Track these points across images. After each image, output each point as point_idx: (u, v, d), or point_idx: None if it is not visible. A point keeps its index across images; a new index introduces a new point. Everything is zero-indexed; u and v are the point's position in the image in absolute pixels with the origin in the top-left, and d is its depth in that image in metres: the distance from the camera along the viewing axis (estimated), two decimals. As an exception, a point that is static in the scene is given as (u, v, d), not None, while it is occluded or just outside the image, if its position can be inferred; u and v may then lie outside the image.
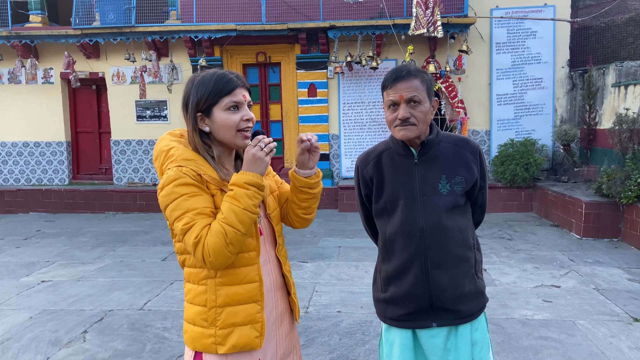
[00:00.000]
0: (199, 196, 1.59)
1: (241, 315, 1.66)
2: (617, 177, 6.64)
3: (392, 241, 1.93)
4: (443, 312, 1.87)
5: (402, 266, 1.91)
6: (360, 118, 9.76)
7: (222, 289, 1.65)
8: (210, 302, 1.65)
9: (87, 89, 10.67)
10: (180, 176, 1.58)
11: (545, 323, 4.10)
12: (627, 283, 5.03)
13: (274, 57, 9.91)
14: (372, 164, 1.99)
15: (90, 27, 9.50)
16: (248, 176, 1.58)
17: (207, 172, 1.62)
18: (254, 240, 1.70)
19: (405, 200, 1.90)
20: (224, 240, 1.53)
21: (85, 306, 4.71)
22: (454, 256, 1.88)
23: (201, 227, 1.55)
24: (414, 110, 1.83)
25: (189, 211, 1.56)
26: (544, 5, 9.30)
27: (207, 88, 1.64)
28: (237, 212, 1.54)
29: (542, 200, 8.32)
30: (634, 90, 7.55)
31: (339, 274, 5.52)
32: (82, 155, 10.96)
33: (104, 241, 7.34)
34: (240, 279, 1.66)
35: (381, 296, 2.00)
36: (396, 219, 1.91)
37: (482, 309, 1.95)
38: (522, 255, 6.13)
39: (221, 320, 1.64)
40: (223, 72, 1.69)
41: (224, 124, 1.65)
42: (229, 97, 1.65)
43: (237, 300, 1.66)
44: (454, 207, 1.89)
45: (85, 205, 9.72)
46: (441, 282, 1.86)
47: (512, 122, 9.52)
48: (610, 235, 6.79)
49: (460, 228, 1.90)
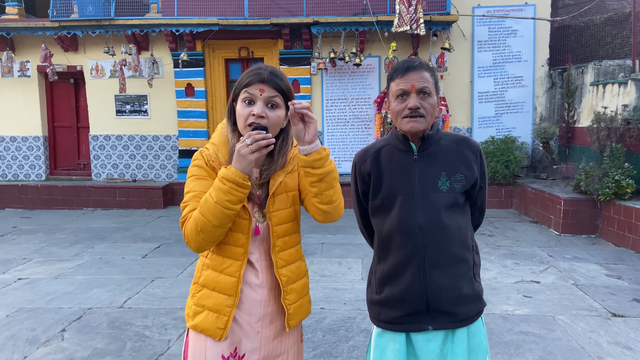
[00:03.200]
0: (204, 180, 1.68)
1: (212, 301, 1.71)
2: (595, 174, 6.76)
3: (389, 239, 1.87)
4: (439, 315, 1.80)
5: (398, 265, 1.84)
6: (343, 114, 9.75)
7: (206, 270, 1.73)
8: (196, 277, 1.77)
9: (64, 82, 10.45)
10: (198, 157, 1.72)
11: (526, 318, 4.15)
12: (604, 278, 5.12)
13: (256, 52, 9.84)
14: (370, 160, 1.93)
15: (68, 19, 9.29)
16: (228, 171, 1.57)
17: (221, 158, 1.70)
18: (243, 236, 1.69)
19: (403, 196, 1.84)
20: (196, 227, 1.59)
21: (64, 304, 4.61)
22: (452, 256, 1.82)
23: (190, 209, 1.64)
24: (424, 101, 1.80)
25: (191, 192, 1.67)
26: (524, 4, 9.41)
27: (240, 79, 1.71)
28: (209, 203, 1.57)
29: (522, 197, 8.43)
30: (612, 89, 7.69)
31: (322, 270, 5.51)
32: (60, 150, 10.73)
33: (82, 238, 7.20)
34: (222, 269, 1.71)
35: (375, 298, 1.92)
36: (393, 216, 1.84)
37: (479, 313, 1.88)
38: (502, 251, 6.20)
39: (197, 297, 1.73)
40: (255, 66, 1.72)
41: (239, 116, 1.69)
42: (246, 89, 1.67)
43: (213, 286, 1.72)
44: (453, 204, 1.84)
45: (63, 201, 9.53)
46: (439, 283, 1.79)
47: (493, 120, 9.62)
48: (588, 232, 6.91)
49: (459, 227, 1.85)
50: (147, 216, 8.70)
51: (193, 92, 9.80)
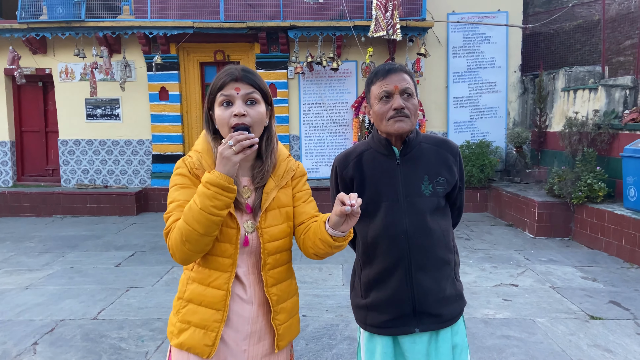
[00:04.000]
0: (187, 189, 1.60)
1: (199, 317, 1.62)
2: (567, 178, 6.90)
3: (374, 245, 1.86)
4: (426, 317, 1.83)
5: (384, 271, 1.85)
6: (321, 119, 9.73)
7: (192, 284, 1.65)
8: (180, 292, 1.68)
9: (33, 85, 10.12)
10: (181, 166, 1.64)
11: (507, 322, 4.18)
12: (580, 281, 5.21)
13: (232, 56, 9.72)
14: (352, 164, 1.92)
15: (37, 21, 9.00)
16: (211, 176, 1.49)
17: (205, 166, 1.62)
18: (231, 247, 1.61)
19: (388, 202, 1.84)
20: (180, 237, 1.51)
21: (35, 316, 4.43)
22: (437, 259, 1.85)
23: (174, 219, 1.56)
24: (407, 102, 1.81)
25: (174, 201, 1.60)
26: (497, 12, 9.58)
27: (212, 85, 1.65)
28: (194, 211, 1.49)
29: (497, 201, 8.55)
30: (582, 95, 7.88)
31: (302, 277, 5.45)
32: (28, 155, 10.37)
33: (52, 246, 6.96)
34: (209, 282, 1.62)
35: (361, 302, 1.93)
36: (378, 222, 1.85)
37: (461, 312, 1.93)
38: (480, 254, 6.26)
39: (182, 313, 1.64)
40: (225, 68, 1.66)
41: (219, 121, 1.62)
42: (221, 92, 1.61)
43: (200, 300, 1.63)
44: (436, 209, 1.86)
45: (31, 209, 9.20)
46: (425, 286, 1.82)
47: (468, 125, 9.74)
48: (561, 234, 7.05)
49: (442, 230, 1.87)
50: (119, 223, 8.48)
51: (167, 96, 9.62)
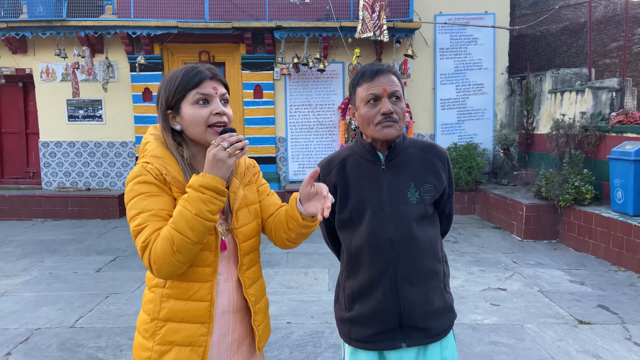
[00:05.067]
0: (158, 197, 1.47)
1: (182, 335, 1.50)
2: (555, 180, 6.87)
3: (358, 255, 1.78)
4: (413, 331, 1.74)
5: (369, 282, 1.76)
6: (307, 120, 9.62)
7: (168, 301, 1.52)
8: (153, 313, 1.52)
9: (12, 86, 9.88)
10: (143, 173, 1.48)
11: (495, 328, 4.11)
12: (568, 285, 5.17)
13: (217, 56, 9.58)
14: (335, 171, 1.83)
15: (16, 20, 8.77)
16: (205, 179, 1.40)
17: (173, 172, 1.50)
18: (211, 254, 1.52)
19: (372, 209, 1.75)
20: (170, 247, 1.38)
21: (9, 324, 4.26)
22: (424, 270, 1.76)
23: (152, 230, 1.42)
24: (395, 106, 1.72)
25: (144, 212, 1.45)
26: (484, 13, 9.56)
27: (175, 83, 1.54)
28: (187, 217, 1.38)
29: (484, 203, 8.52)
30: (569, 97, 7.87)
31: (287, 281, 5.34)
32: (7, 157, 10.12)
33: (31, 251, 6.76)
34: (189, 295, 1.50)
35: (345, 315, 1.84)
36: (363, 230, 1.76)
37: (451, 325, 1.84)
38: (468, 258, 6.20)
39: (160, 334, 1.51)
40: (192, 65, 1.55)
41: (192, 120, 1.51)
42: (196, 90, 1.51)
43: (181, 317, 1.50)
44: (423, 216, 1.78)
45: (10, 212, 8.96)
46: (411, 298, 1.73)
47: (455, 127, 9.70)
48: (549, 237, 7.02)
49: (430, 239, 1.79)
50: (101, 227, 8.29)
51: (151, 97, 9.45)
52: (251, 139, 9.45)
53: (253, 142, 9.43)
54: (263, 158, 9.43)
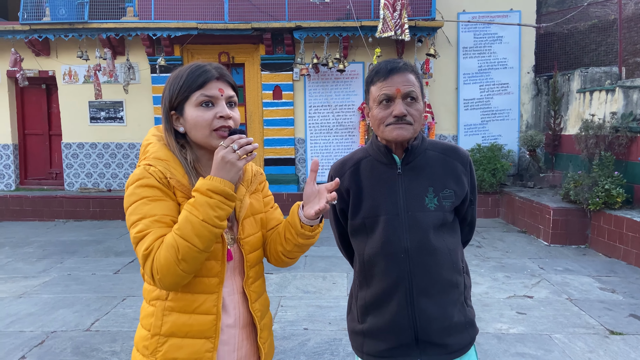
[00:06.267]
0: (161, 201, 1.37)
1: (186, 351, 1.39)
2: (584, 183, 6.61)
3: (371, 264, 1.66)
4: (430, 347, 1.62)
5: (383, 293, 1.64)
6: (327, 121, 9.51)
7: (170, 315, 1.40)
8: (154, 328, 1.41)
9: (36, 88, 10.02)
10: (145, 176, 1.38)
11: (521, 338, 3.92)
12: (599, 292, 4.93)
13: (237, 57, 9.55)
14: (348, 174, 1.72)
15: (39, 22, 8.90)
16: (213, 182, 1.30)
17: (177, 176, 1.40)
18: (217, 264, 1.41)
19: (387, 216, 1.63)
20: (175, 255, 1.28)
21: (26, 327, 4.25)
22: (442, 281, 1.63)
23: (155, 237, 1.32)
24: (410, 107, 1.61)
25: (146, 217, 1.34)
26: (510, 11, 9.31)
27: (179, 82, 1.43)
28: (194, 223, 1.28)
29: (509, 206, 8.27)
30: (599, 97, 7.58)
31: (305, 286, 5.23)
32: (31, 158, 10.27)
33: (51, 252, 6.80)
34: (194, 308, 1.40)
35: (358, 328, 1.73)
36: (376, 238, 1.64)
37: (472, 341, 1.71)
38: (492, 263, 5.99)
39: (162, 352, 1.40)
40: (198, 64, 1.44)
41: (195, 123, 1.41)
42: (201, 91, 1.40)
43: (185, 332, 1.39)
44: (442, 224, 1.65)
45: (33, 213, 9.08)
46: (428, 312, 1.61)
47: (479, 127, 9.47)
48: (577, 242, 6.75)
49: (449, 249, 1.66)
50: (121, 228, 8.32)
51: (171, 99, 9.45)
52: (270, 140, 9.39)
53: (272, 143, 9.36)
54: (282, 159, 9.35)
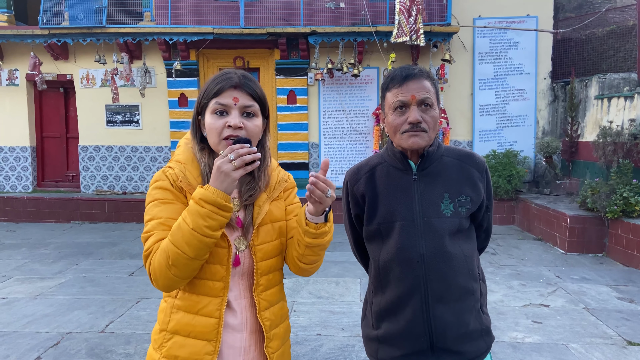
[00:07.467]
0: (170, 204, 1.42)
1: (187, 350, 1.41)
2: (602, 191, 6.51)
3: (386, 270, 1.66)
4: (445, 354, 1.61)
5: (398, 299, 1.63)
6: (341, 126, 9.50)
7: (177, 313, 1.45)
8: (163, 324, 1.47)
9: (54, 91, 10.17)
10: (161, 178, 1.45)
11: (537, 347, 3.86)
12: (616, 302, 4.85)
13: (252, 62, 9.60)
14: (363, 180, 1.72)
15: (58, 27, 9.04)
16: (206, 192, 1.31)
17: (190, 178, 1.44)
18: (222, 268, 1.42)
19: (402, 222, 1.63)
20: (166, 260, 1.32)
21: (41, 328, 4.29)
22: (458, 288, 1.62)
23: (155, 239, 1.38)
24: (425, 114, 1.60)
25: (154, 219, 1.41)
26: (526, 16, 9.23)
27: (204, 89, 1.48)
28: (184, 231, 1.31)
29: (525, 213, 8.17)
30: (617, 103, 7.47)
31: (318, 291, 5.21)
32: (48, 161, 10.42)
33: (67, 254, 6.87)
34: (197, 309, 1.42)
35: (372, 334, 1.72)
36: (391, 244, 1.63)
37: (488, 349, 1.69)
38: (507, 270, 5.92)
39: (167, 347, 1.44)
40: (224, 71, 1.48)
41: (209, 130, 1.45)
42: (216, 99, 1.43)
43: (188, 331, 1.42)
44: (458, 231, 1.64)
45: (50, 214, 9.20)
46: (443, 319, 1.60)
47: (494, 133, 9.39)
48: (594, 250, 6.65)
49: (465, 255, 1.65)
50: (136, 230, 8.39)
51: (186, 103, 9.54)
52: (284, 145, 9.41)
53: (286, 147, 9.38)
54: (295, 164, 9.36)
